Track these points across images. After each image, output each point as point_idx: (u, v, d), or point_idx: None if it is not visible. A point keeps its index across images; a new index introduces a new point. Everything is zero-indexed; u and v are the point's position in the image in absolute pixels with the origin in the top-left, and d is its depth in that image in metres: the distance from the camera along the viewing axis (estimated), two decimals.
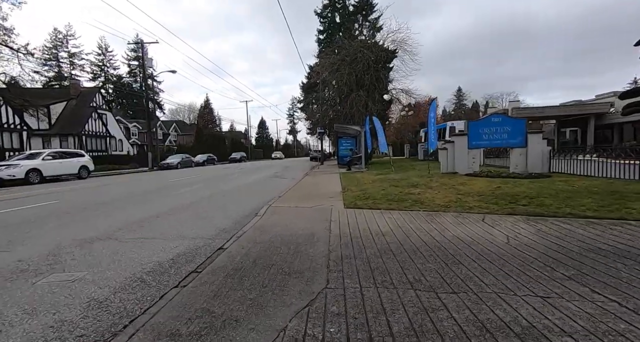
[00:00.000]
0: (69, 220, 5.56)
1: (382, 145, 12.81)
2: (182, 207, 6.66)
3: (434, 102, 9.62)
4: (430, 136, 9.71)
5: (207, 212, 6.18)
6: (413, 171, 11.94)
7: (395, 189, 7.41)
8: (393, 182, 8.66)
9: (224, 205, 6.98)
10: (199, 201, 7.44)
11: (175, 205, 6.94)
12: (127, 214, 5.95)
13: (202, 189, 9.98)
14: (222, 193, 8.96)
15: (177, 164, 25.37)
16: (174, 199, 7.85)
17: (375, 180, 9.68)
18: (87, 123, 29.61)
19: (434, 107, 9.73)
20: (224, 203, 7.21)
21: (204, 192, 9.22)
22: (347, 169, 15.71)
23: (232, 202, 7.39)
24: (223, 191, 9.55)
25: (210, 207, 6.65)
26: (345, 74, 18.95)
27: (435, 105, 9.59)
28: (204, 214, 6.00)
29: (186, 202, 7.39)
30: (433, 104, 9.95)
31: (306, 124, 52.56)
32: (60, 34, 63.88)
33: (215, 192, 9.10)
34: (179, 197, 8.30)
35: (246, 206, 6.83)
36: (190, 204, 7.04)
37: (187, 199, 7.74)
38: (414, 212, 5.07)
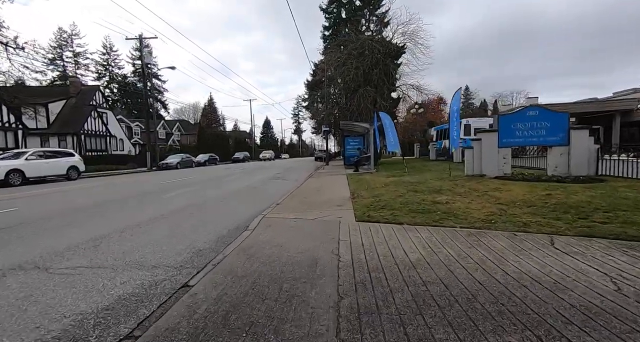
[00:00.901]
0: (3, 236, 4.47)
1: (392, 144, 11.56)
2: (160, 218, 5.55)
3: (458, 93, 8.27)
4: (452, 133, 8.42)
5: (187, 224, 5.06)
6: (430, 173, 10.69)
7: (415, 195, 6.21)
8: (410, 187, 7.45)
9: (211, 214, 5.87)
10: (182, 209, 6.33)
11: (154, 215, 5.83)
12: (88, 228, 4.85)
13: (192, 193, 8.89)
14: (214, 198, 7.85)
15: (176, 164, 24.44)
16: (156, 207, 6.76)
17: (388, 183, 8.48)
18: (86, 122, 28.87)
19: (458, 99, 8.44)
20: (211, 211, 6.09)
21: (194, 197, 8.12)
22: (354, 170, 14.52)
23: (222, 210, 6.27)
24: (215, 195, 8.44)
25: (194, 218, 5.53)
26: (352, 68, 17.77)
27: (459, 96, 8.32)
28: (182, 227, 4.88)
29: (167, 210, 6.28)
30: (457, 94, 8.52)
31: (311, 123, 51.54)
32: (64, 33, 63.76)
33: (205, 198, 8.00)
34: (162, 203, 7.21)
35: (237, 215, 5.70)
36: (171, 214, 5.93)
37: (169, 207, 6.64)
38: (448, 229, 3.88)
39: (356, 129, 16.84)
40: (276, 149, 79.07)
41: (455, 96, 8.39)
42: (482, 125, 18.44)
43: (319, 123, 39.50)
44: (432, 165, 14.29)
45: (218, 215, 5.76)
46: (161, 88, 73.24)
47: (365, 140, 17.49)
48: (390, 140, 11.40)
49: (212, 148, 39.31)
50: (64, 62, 63.26)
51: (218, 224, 5.05)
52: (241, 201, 7.38)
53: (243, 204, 7.02)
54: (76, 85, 30.67)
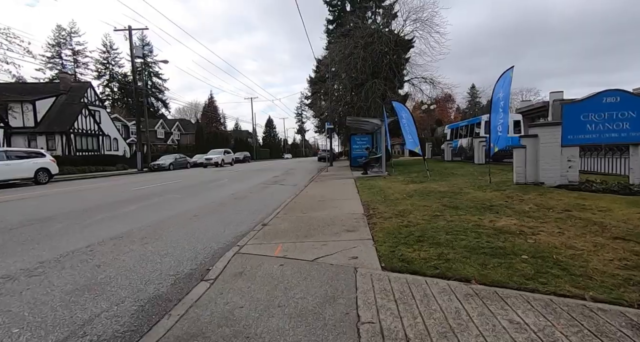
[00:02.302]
0: None
1: (411, 142, 9.59)
2: (79, 253, 3.74)
3: (508, 75, 6.17)
4: (493, 128, 6.38)
5: (109, 268, 3.23)
6: (458, 178, 8.76)
7: (458, 214, 4.33)
8: (444, 199, 5.57)
9: (163, 244, 4.03)
10: (118, 238, 4.49)
11: (77, 246, 4.02)
12: None
13: (159, 206, 7.07)
14: (182, 215, 6.02)
15: (169, 165, 22.72)
16: (94, 230, 4.95)
17: (410, 193, 6.59)
18: (76, 120, 27.26)
19: (509, 82, 6.34)
20: (162, 241, 4.25)
21: (156, 212, 6.29)
22: (362, 173, 12.64)
23: (180, 237, 4.43)
24: (187, 209, 6.61)
25: (131, 254, 3.70)
26: (360, 59, 15.86)
27: (510, 78, 6.25)
28: (95, 276, 3.04)
29: (106, 236, 4.47)
30: (507, 76, 6.13)
31: (314, 122, 49.58)
32: (63, 31, 62.63)
33: (172, 213, 6.17)
34: (109, 223, 5.39)
35: (199, 247, 3.87)
36: (100, 244, 4.10)
37: (112, 231, 4.82)
38: (570, 303, 1.99)
39: (364, 126, 14.96)
40: (279, 149, 77.28)
41: (502, 79, 6.30)
42: None
43: (322, 121, 37.65)
44: (453, 168, 12.35)
45: (169, 247, 3.91)
46: (162, 87, 71.97)
47: (374, 138, 15.59)
48: (408, 137, 9.44)
49: (212, 148, 37.60)
50: (62, 61, 62.10)
51: (166, 264, 3.23)
52: (217, 219, 5.54)
53: (218, 224, 5.17)
54: (66, 81, 29.10)
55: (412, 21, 17.02)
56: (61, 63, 62.54)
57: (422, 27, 16.85)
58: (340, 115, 23.16)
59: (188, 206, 6.86)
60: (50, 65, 60.05)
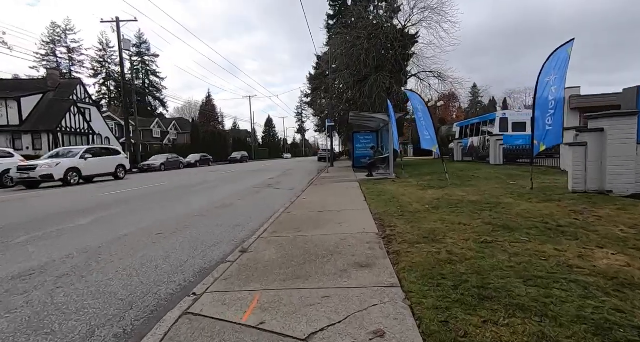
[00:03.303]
0: None
1: (427, 140, 8.16)
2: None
3: (564, 51, 4.74)
4: (538, 121, 5.01)
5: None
6: (483, 182, 7.42)
7: (516, 239, 3.04)
8: (482, 213, 4.27)
9: (84, 290, 2.72)
10: (44, 269, 3.20)
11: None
12: None
13: (123, 218, 5.78)
14: (145, 232, 4.72)
15: (160, 166, 21.42)
16: (1, 260, 3.65)
17: (431, 201, 5.29)
18: (64, 118, 25.95)
19: (565, 59, 4.91)
20: (97, 279, 2.95)
21: (116, 228, 4.99)
22: (367, 175, 11.33)
23: (126, 271, 3.14)
24: (155, 223, 5.31)
25: (10, 317, 2.39)
26: (363, 50, 14.55)
27: (567, 55, 4.83)
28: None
29: (9, 272, 3.17)
30: (562, 53, 4.78)
31: (314, 121, 48.22)
32: (58, 28, 61.33)
33: (134, 229, 4.87)
34: (32, 247, 4.10)
35: (140, 292, 2.58)
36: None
37: (26, 262, 3.51)
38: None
39: (368, 123, 13.66)
40: (278, 149, 75.95)
41: (555, 58, 4.87)
42: (522, 119, 15.14)
43: (322, 120, 36.33)
44: (469, 169, 11.03)
45: (91, 296, 2.60)
46: (159, 85, 70.63)
47: (379, 136, 14.27)
48: (424, 133, 8.02)
49: (208, 147, 36.36)
50: (57, 58, 60.78)
51: None
52: (186, 240, 4.23)
53: (183, 248, 3.87)
54: (54, 78, 27.80)
55: (419, 10, 15.70)
56: (56, 61, 61.25)
57: (431, 16, 15.54)
58: (341, 114, 21.85)
59: (157, 218, 5.56)
60: (45, 63, 58.78)
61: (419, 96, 8.20)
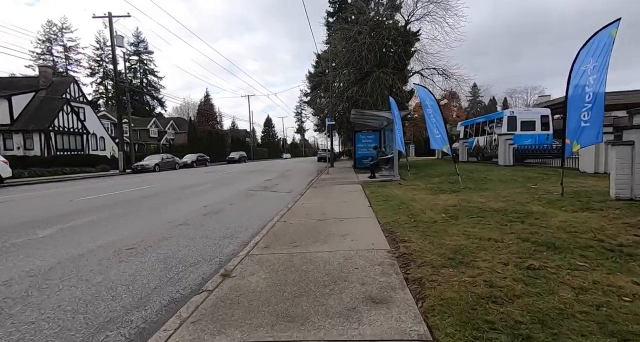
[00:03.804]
0: None
1: (437, 139, 7.42)
2: None
3: (607, 34, 3.97)
4: (572, 112, 4.30)
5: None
6: (500, 186, 6.74)
7: (569, 264, 2.38)
8: (512, 225, 3.62)
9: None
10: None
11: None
12: None
13: (94, 228, 5.11)
14: (115, 246, 4.07)
15: (154, 166, 20.70)
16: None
17: (447, 208, 4.63)
18: (57, 117, 25.22)
19: (608, 43, 4.11)
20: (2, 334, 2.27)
21: (81, 241, 4.33)
22: (369, 177, 10.67)
23: (56, 316, 2.46)
24: (129, 235, 4.65)
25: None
26: (365, 45, 13.87)
27: (610, 39, 4.02)
28: None
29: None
30: (604, 36, 4.09)
31: (314, 120, 47.48)
32: (54, 26, 60.53)
33: (101, 243, 4.20)
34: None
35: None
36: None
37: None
38: None
39: (371, 122, 12.99)
40: (277, 149, 75.18)
41: (594, 43, 4.13)
42: (531, 118, 14.50)
43: (322, 120, 35.66)
44: (478, 170, 10.36)
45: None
46: (157, 84, 69.83)
47: (381, 136, 13.61)
48: (434, 132, 7.28)
49: (206, 147, 35.63)
50: (53, 57, 59.99)
51: None
52: (160, 258, 3.56)
53: (154, 270, 3.21)
54: (47, 76, 27.05)
55: (424, 3, 15.03)
56: (52, 59, 60.47)
57: (436, 10, 14.86)
58: (341, 113, 21.19)
59: (134, 228, 4.87)
60: (41, 61, 58.03)
61: (428, 91, 7.51)
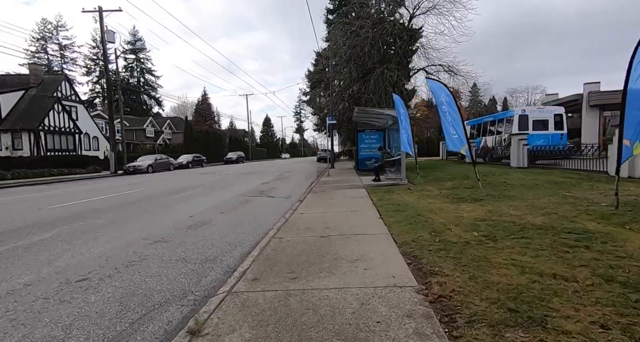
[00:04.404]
0: None
1: (454, 140, 6.48)
2: None
3: None
4: (632, 109, 3.61)
5: None
6: (526, 193, 5.94)
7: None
8: (576, 251, 2.84)
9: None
10: None
11: None
12: None
13: (39, 253, 4.29)
14: (59, 279, 3.26)
15: (147, 168, 19.85)
16: None
17: (476, 224, 3.82)
18: (47, 116, 24.33)
19: None
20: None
21: (3, 276, 3.51)
22: (374, 180, 9.86)
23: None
24: (84, 261, 3.85)
25: None
26: (368, 40, 13.05)
27: None
28: None
29: None
30: None
31: (313, 120, 46.66)
32: (49, 24, 59.49)
33: (24, 280, 3.38)
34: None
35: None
36: None
37: None
38: None
39: (374, 120, 12.18)
40: (276, 149, 74.24)
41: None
42: (544, 117, 13.71)
43: (322, 119, 34.82)
44: (492, 173, 9.54)
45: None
46: (155, 84, 68.83)
47: (385, 136, 12.81)
48: (450, 131, 6.33)
49: (203, 147, 34.76)
50: (48, 55, 58.98)
51: None
52: (106, 301, 2.76)
53: (91, 322, 2.39)
54: (37, 73, 26.14)
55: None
56: (47, 58, 59.45)
57: (442, 3, 14.03)
58: (341, 112, 20.39)
59: (96, 249, 4.03)
60: (36, 60, 57.05)
61: (444, 86, 6.62)
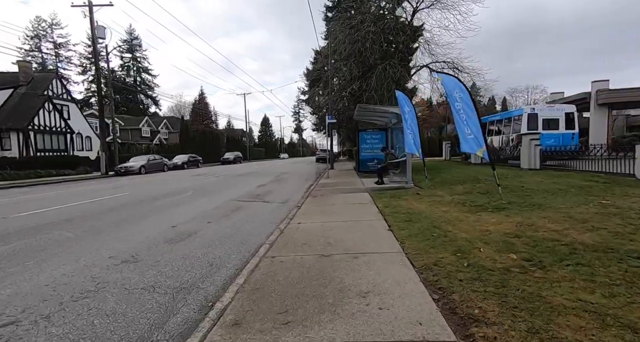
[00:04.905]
0: None
1: (469, 140, 5.68)
2: None
3: None
4: None
5: None
6: (553, 198, 5.28)
7: None
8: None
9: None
10: None
11: None
12: None
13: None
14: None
15: (139, 168, 19.10)
16: None
17: (509, 242, 3.15)
18: (37, 115, 23.53)
19: None
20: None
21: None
22: (377, 182, 9.19)
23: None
24: (27, 292, 3.12)
25: None
26: (370, 34, 12.36)
27: None
28: None
29: None
30: None
31: (312, 119, 45.86)
32: (43, 22, 58.49)
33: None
34: None
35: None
36: None
37: None
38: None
39: (377, 119, 11.51)
40: (275, 149, 73.44)
41: None
42: (554, 115, 13.06)
43: (320, 118, 34.09)
44: (509, 176, 8.84)
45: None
46: (151, 83, 67.87)
47: (388, 136, 12.13)
48: (464, 132, 5.52)
49: (200, 147, 34.00)
50: (42, 54, 57.97)
51: None
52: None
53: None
54: (26, 71, 25.32)
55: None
56: (41, 56, 58.44)
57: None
58: (340, 112, 19.71)
59: (48, 273, 3.32)
60: (29, 58, 56.07)
61: (458, 81, 5.89)
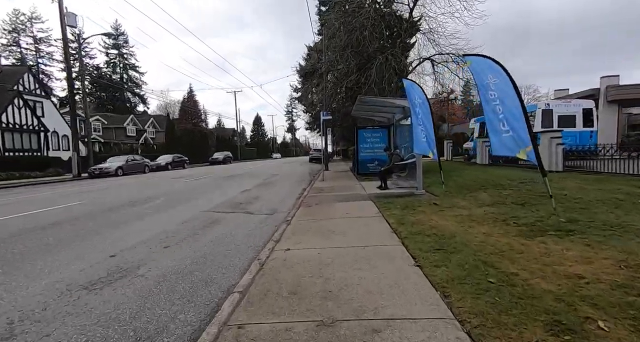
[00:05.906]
0: None
1: (506, 141, 4.36)
2: None
3: None
4: None
5: None
6: (620, 214, 4.06)
7: None
8: None
9: None
10: None
11: None
12: None
13: None
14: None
15: (116, 170, 17.43)
16: None
17: (634, 304, 1.83)
18: (5, 112, 21.62)
19: None
20: None
21: None
22: (379, 187, 7.88)
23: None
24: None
25: None
26: (370, 20, 11.05)
27: None
28: None
29: None
30: None
31: (305, 118, 44.48)
32: (22, 15, 55.62)
33: None
34: None
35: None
36: None
37: None
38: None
39: (379, 115, 10.21)
40: (267, 149, 71.80)
41: None
42: (571, 112, 11.99)
43: (314, 117, 32.71)
44: (538, 180, 7.66)
45: None
46: (139, 80, 65.44)
47: (390, 134, 10.83)
48: (497, 128, 4.01)
49: (188, 147, 32.29)
50: (21, 49, 55.13)
51: None
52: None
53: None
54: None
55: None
56: (20, 51, 55.58)
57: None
58: (335, 109, 18.41)
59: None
60: (7, 53, 53.29)
61: (493, 61, 4.44)
